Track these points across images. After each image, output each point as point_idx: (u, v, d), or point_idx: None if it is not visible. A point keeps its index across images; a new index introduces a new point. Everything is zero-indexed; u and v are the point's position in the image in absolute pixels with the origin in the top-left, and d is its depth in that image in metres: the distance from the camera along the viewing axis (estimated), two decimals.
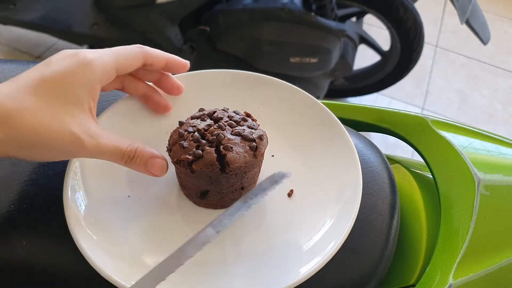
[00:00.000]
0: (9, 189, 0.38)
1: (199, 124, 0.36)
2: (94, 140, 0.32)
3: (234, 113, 0.38)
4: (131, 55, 0.35)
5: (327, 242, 0.35)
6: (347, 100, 1.62)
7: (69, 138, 0.31)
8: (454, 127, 0.48)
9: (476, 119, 1.65)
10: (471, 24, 1.08)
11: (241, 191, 0.38)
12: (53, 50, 1.64)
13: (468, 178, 0.42)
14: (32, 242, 0.35)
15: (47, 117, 0.30)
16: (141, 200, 0.38)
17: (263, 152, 0.36)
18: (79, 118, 0.32)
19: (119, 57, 0.35)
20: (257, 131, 0.37)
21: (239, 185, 0.37)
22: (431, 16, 2.02)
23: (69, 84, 0.31)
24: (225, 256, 0.36)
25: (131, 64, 0.36)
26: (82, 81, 0.32)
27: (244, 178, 0.37)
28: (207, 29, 1.24)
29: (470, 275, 0.37)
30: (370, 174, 0.43)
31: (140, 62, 0.36)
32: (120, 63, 0.35)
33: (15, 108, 0.29)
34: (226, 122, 0.37)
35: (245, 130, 0.36)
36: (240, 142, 0.35)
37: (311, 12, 1.17)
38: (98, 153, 0.32)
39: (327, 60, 1.24)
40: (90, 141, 0.31)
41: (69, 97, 0.31)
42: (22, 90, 0.30)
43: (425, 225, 0.44)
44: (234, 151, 0.34)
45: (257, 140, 0.36)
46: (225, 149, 0.34)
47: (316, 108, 0.43)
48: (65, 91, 0.31)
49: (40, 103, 0.30)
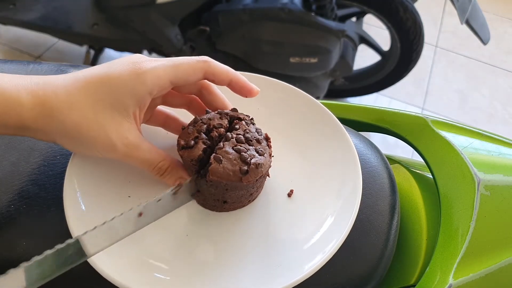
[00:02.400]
0: (9, 189, 0.38)
1: (214, 120, 0.36)
2: (128, 149, 0.33)
3: (255, 130, 0.36)
4: (191, 70, 0.34)
5: (327, 241, 0.35)
6: (347, 100, 1.62)
7: (104, 141, 0.32)
8: (454, 127, 0.48)
9: (476, 119, 1.65)
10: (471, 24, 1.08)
11: (223, 204, 0.37)
12: (53, 50, 1.64)
13: (468, 178, 0.42)
14: (32, 242, 0.35)
15: (90, 116, 0.31)
16: (141, 200, 0.38)
17: (252, 180, 0.33)
18: (119, 125, 0.32)
19: (177, 70, 0.34)
20: (260, 157, 0.34)
21: (221, 198, 0.36)
22: (431, 16, 2.02)
23: (118, 90, 0.32)
24: (225, 256, 0.36)
25: (189, 78, 0.35)
26: (131, 90, 0.32)
27: (226, 194, 0.35)
28: (207, 29, 1.24)
29: (470, 275, 0.37)
30: (370, 174, 0.43)
31: (200, 77, 0.35)
32: (177, 77, 0.34)
33: (66, 101, 0.31)
34: (238, 135, 0.35)
35: (248, 151, 0.34)
36: (234, 159, 0.33)
37: (311, 12, 1.17)
38: (130, 162, 0.34)
39: (327, 60, 1.24)
40: (123, 150, 0.33)
41: (116, 103, 0.32)
42: (78, 86, 0.32)
43: (425, 225, 0.44)
44: (221, 164, 0.33)
45: (252, 166, 0.33)
46: (214, 159, 0.33)
47: (316, 108, 0.43)
48: (113, 96, 0.32)
49: (88, 102, 0.31)
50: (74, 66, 0.50)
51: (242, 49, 1.23)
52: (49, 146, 0.41)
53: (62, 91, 0.31)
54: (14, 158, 0.40)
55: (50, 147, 0.41)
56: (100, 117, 0.32)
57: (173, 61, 0.34)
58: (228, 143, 0.34)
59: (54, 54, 1.63)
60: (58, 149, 0.41)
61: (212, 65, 0.35)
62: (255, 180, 0.34)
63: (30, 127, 0.31)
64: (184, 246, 0.36)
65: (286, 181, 0.40)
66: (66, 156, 0.40)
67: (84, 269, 0.32)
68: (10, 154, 0.40)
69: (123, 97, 0.32)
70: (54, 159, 0.40)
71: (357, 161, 0.39)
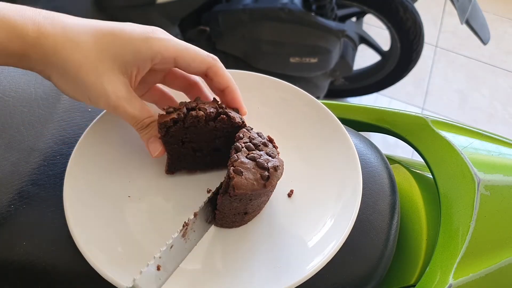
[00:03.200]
0: (9, 189, 0.38)
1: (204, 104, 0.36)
2: (119, 101, 0.34)
3: (257, 135, 0.36)
4: (198, 59, 0.35)
5: (328, 242, 0.35)
6: (347, 100, 1.62)
7: (99, 90, 0.33)
8: (454, 127, 0.48)
9: (476, 119, 1.65)
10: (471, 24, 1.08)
11: (243, 216, 0.37)
12: None
13: (468, 178, 0.41)
14: (32, 242, 0.35)
15: (92, 62, 0.32)
16: (141, 200, 0.38)
17: (275, 183, 0.34)
18: (116, 79, 0.33)
19: (186, 52, 0.35)
20: (274, 160, 0.34)
21: (243, 210, 0.36)
22: (431, 16, 2.02)
23: (125, 46, 0.33)
24: (225, 256, 0.36)
25: (192, 64, 0.36)
26: (135, 49, 0.33)
27: (248, 204, 0.35)
28: (207, 29, 1.24)
29: (470, 275, 0.37)
30: (370, 174, 0.43)
31: (202, 69, 0.36)
32: (183, 58, 0.35)
33: (72, 40, 0.31)
34: (245, 143, 0.35)
35: (261, 156, 0.34)
36: (252, 168, 0.33)
37: (311, 12, 1.17)
38: (119, 114, 0.35)
39: (327, 60, 1.24)
40: (114, 101, 0.34)
41: (119, 59, 0.33)
42: (88, 29, 0.33)
43: (425, 225, 0.44)
44: (243, 176, 0.32)
45: (271, 170, 0.33)
46: (234, 172, 0.32)
47: (316, 108, 0.43)
48: (118, 50, 0.33)
49: (94, 48, 0.32)
50: None
51: (242, 49, 1.23)
52: (49, 146, 0.41)
53: (71, 30, 0.32)
54: (14, 158, 0.40)
55: (50, 147, 0.41)
56: (101, 65, 0.32)
57: (185, 44, 0.35)
58: (241, 153, 0.34)
59: None
60: (58, 149, 0.41)
61: (218, 65, 0.36)
62: (275, 183, 0.34)
63: (31, 57, 0.31)
64: None
65: (286, 181, 0.40)
66: (66, 156, 0.40)
67: (84, 269, 0.32)
68: (10, 154, 0.40)
69: (127, 53, 0.33)
70: (54, 159, 0.40)
71: (357, 161, 0.39)
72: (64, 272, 0.35)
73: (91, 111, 0.45)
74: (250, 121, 0.39)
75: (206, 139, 0.38)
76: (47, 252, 0.35)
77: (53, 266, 0.35)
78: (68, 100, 0.45)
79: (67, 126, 0.43)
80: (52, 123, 0.43)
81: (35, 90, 0.46)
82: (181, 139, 0.38)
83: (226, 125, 0.37)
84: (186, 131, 0.37)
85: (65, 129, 0.43)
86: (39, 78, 0.47)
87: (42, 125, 0.43)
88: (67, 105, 0.45)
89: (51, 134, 0.42)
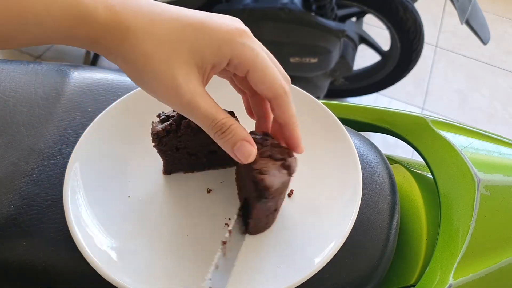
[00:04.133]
0: (9, 189, 0.38)
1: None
2: (193, 96, 0.30)
3: (253, 133, 0.35)
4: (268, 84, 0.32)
5: (327, 242, 0.35)
6: (347, 100, 1.62)
7: (170, 82, 0.29)
8: (454, 127, 0.48)
9: (476, 119, 1.65)
10: (471, 24, 1.08)
11: (274, 213, 0.37)
12: (53, 50, 1.64)
13: (468, 178, 0.41)
14: (32, 242, 0.35)
15: (163, 54, 0.29)
16: (141, 200, 0.38)
17: (296, 167, 0.33)
18: (190, 71, 0.30)
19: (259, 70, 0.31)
20: (282, 148, 0.34)
21: (274, 207, 0.36)
22: (431, 16, 2.02)
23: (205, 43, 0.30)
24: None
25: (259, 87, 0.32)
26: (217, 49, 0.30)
27: (279, 199, 0.35)
28: None
29: (470, 275, 0.37)
30: (370, 174, 0.43)
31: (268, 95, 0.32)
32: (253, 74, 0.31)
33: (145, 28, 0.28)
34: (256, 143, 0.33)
35: (271, 150, 0.33)
36: (271, 163, 0.32)
37: (311, 12, 1.17)
38: (191, 112, 0.30)
39: (327, 60, 1.24)
40: (188, 95, 0.30)
41: (196, 53, 0.30)
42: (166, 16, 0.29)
43: (425, 225, 0.44)
44: (269, 174, 0.32)
45: (287, 157, 0.33)
46: (260, 174, 0.31)
47: (316, 108, 0.43)
48: (197, 46, 0.30)
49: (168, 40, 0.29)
50: (74, 66, 0.50)
51: None
52: (49, 146, 0.41)
53: (146, 16, 0.29)
54: (14, 158, 0.40)
55: (50, 147, 0.41)
56: (175, 56, 0.29)
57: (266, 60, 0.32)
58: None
59: (54, 54, 1.63)
60: (58, 149, 0.41)
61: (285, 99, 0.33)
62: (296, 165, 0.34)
63: (100, 43, 0.28)
64: (186, 247, 0.36)
65: None
66: (66, 156, 0.40)
67: (84, 269, 0.32)
68: (10, 154, 0.40)
69: (206, 49, 0.30)
70: (54, 159, 0.40)
71: (357, 162, 0.39)
72: (64, 272, 0.35)
73: (91, 111, 0.45)
74: (250, 122, 0.38)
75: (201, 143, 0.38)
76: (47, 252, 0.35)
77: (53, 266, 0.35)
78: (68, 100, 0.45)
79: (67, 126, 0.43)
80: (52, 123, 0.43)
81: (35, 90, 0.46)
82: (176, 146, 0.38)
83: None
84: (180, 139, 0.37)
85: (65, 129, 0.43)
86: (39, 78, 0.47)
87: (42, 125, 0.43)
88: (67, 105, 0.45)
89: (51, 134, 0.42)
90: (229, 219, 0.38)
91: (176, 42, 0.29)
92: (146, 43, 0.28)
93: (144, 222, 0.37)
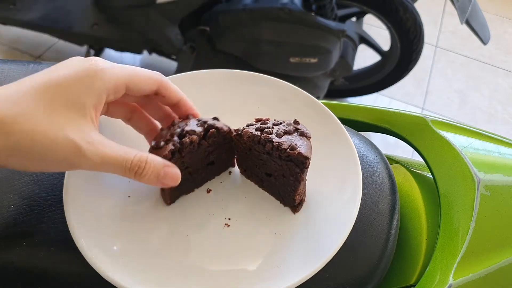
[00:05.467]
0: (9, 189, 0.38)
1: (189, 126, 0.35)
2: (95, 148, 0.28)
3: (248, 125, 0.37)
4: (146, 77, 0.33)
5: (327, 242, 0.35)
6: (347, 100, 1.62)
7: (67, 145, 0.28)
8: (454, 127, 0.48)
9: (476, 119, 1.65)
10: (471, 24, 1.08)
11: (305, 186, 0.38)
12: (53, 50, 1.64)
13: (468, 178, 0.42)
14: (32, 242, 0.35)
15: (44, 122, 0.27)
16: (141, 200, 0.38)
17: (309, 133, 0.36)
18: (80, 125, 0.29)
19: (133, 75, 0.32)
20: (286, 122, 0.37)
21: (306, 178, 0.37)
22: (431, 16, 2.02)
23: (74, 90, 0.29)
24: (223, 256, 0.36)
25: (144, 86, 0.33)
26: (89, 87, 0.29)
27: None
28: (207, 29, 1.24)
29: (470, 275, 0.37)
30: (370, 174, 0.43)
31: (153, 89, 0.34)
32: (133, 81, 0.32)
33: (9, 112, 0.27)
34: (262, 135, 0.36)
35: (280, 129, 0.36)
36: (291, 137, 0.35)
37: (311, 12, 1.17)
38: (101, 164, 0.29)
39: (327, 60, 1.24)
40: (91, 150, 0.28)
41: (73, 104, 0.29)
42: (22, 93, 0.28)
43: (425, 225, 0.44)
44: (298, 145, 0.34)
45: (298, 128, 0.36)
46: (292, 149, 0.34)
47: (316, 108, 0.43)
48: (69, 97, 0.29)
49: (39, 108, 0.28)
50: None
51: (242, 49, 1.23)
52: None
53: (5, 101, 0.27)
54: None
55: None
56: (55, 118, 0.28)
57: (128, 66, 0.32)
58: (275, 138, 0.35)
59: (54, 54, 1.63)
60: None
61: (165, 80, 0.35)
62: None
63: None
64: (183, 245, 0.36)
65: None
66: None
67: (85, 269, 0.32)
68: None
69: (80, 94, 0.29)
70: None
71: (357, 162, 0.39)
72: (64, 272, 0.35)
73: None
74: (250, 121, 0.38)
75: (200, 157, 0.38)
76: (47, 252, 0.35)
77: (53, 266, 0.35)
78: None
79: None
80: None
81: None
82: (180, 168, 0.37)
83: (216, 138, 0.37)
84: (183, 159, 0.36)
85: None
86: None
87: None
88: None
89: None
90: (229, 219, 0.38)
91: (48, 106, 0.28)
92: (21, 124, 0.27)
93: (144, 222, 0.37)
